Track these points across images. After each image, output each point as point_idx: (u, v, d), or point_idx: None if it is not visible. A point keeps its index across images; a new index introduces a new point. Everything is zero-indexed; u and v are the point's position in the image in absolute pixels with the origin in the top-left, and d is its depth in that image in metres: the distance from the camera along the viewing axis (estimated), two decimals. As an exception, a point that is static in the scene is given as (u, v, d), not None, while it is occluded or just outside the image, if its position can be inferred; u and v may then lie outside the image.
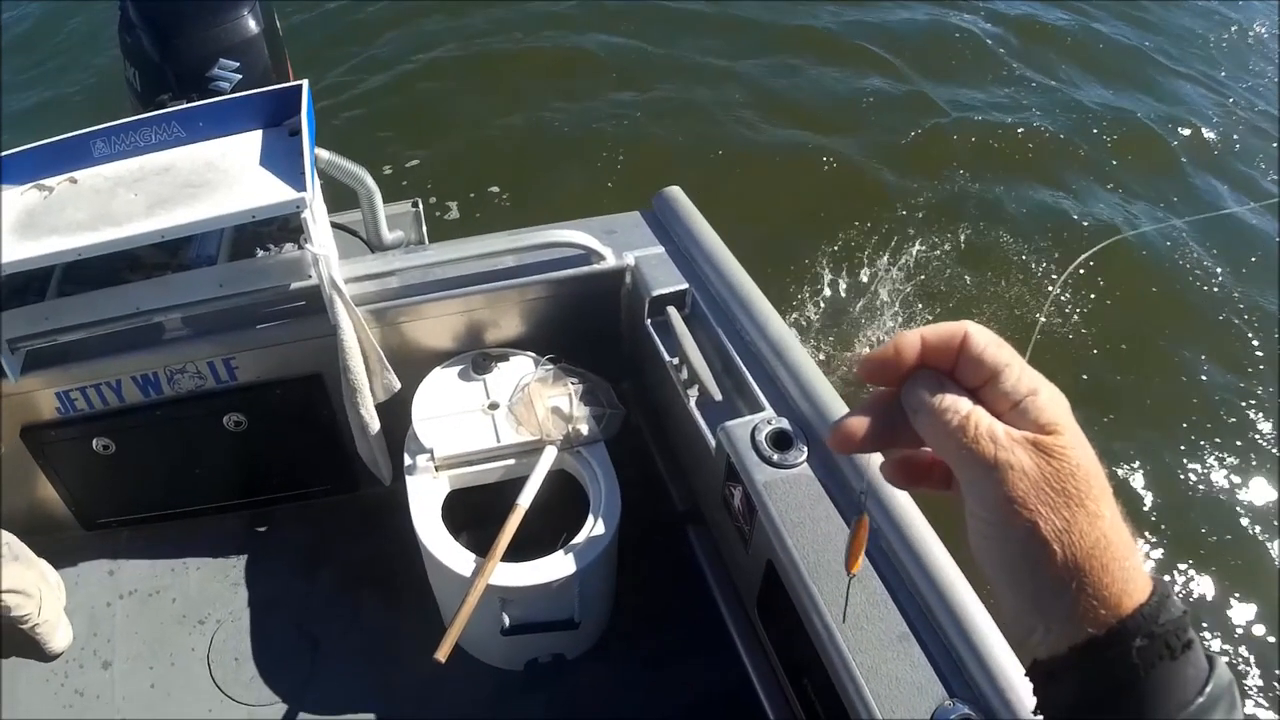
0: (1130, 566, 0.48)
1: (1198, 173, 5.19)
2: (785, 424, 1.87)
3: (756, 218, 4.61)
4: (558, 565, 1.99)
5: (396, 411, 2.25)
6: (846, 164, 5.00)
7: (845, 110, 5.41)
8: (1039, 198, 4.94)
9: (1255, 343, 4.21)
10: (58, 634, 2.30)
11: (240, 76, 2.25)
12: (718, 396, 2.01)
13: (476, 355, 2.31)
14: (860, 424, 0.54)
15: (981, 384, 0.51)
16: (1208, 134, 5.46)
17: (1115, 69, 5.95)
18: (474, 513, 2.19)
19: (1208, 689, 0.47)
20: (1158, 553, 3.42)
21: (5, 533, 2.16)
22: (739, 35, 5.92)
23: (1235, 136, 5.48)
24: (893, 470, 0.58)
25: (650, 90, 5.51)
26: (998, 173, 5.06)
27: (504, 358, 2.32)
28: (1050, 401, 0.49)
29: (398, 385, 2.20)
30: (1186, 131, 5.45)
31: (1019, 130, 5.32)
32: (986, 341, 0.51)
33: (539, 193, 4.81)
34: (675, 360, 2.11)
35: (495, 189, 4.84)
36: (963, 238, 4.59)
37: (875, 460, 0.63)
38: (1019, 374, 0.50)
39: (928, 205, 4.75)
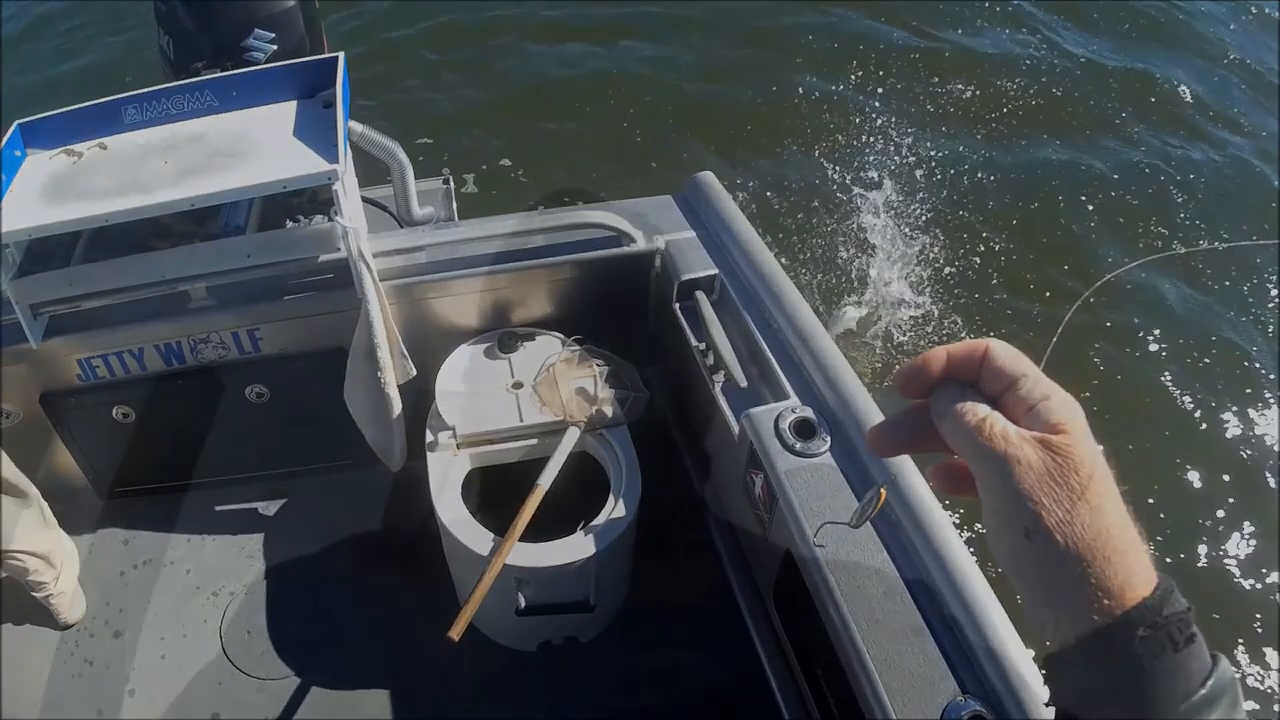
0: (1134, 560, 0.51)
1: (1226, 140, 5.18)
2: (809, 413, 1.87)
3: (776, 194, 4.61)
4: (576, 547, 1.98)
5: (417, 390, 2.24)
6: (872, 129, 5.01)
7: (871, 74, 5.42)
8: (1072, 168, 4.94)
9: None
10: (72, 606, 2.30)
11: (275, 47, 2.24)
12: (743, 383, 2.00)
13: (502, 334, 2.30)
14: (893, 428, 0.62)
15: (1001, 392, 0.56)
16: (1235, 114, 5.44)
17: (1152, 41, 5.93)
18: (493, 492, 2.18)
19: (1210, 682, 0.49)
20: (1163, 543, 3.42)
21: (40, 497, 2.16)
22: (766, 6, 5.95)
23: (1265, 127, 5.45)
24: (937, 477, 0.64)
25: (669, 59, 5.51)
26: (1028, 145, 5.07)
27: (529, 337, 2.31)
28: (1060, 405, 0.54)
29: (413, 372, 2.18)
30: (1215, 110, 5.42)
31: (1051, 101, 5.33)
32: (1006, 355, 0.56)
33: (559, 164, 4.82)
34: (702, 345, 2.10)
35: (507, 162, 4.83)
36: (994, 218, 4.61)
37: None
38: (1034, 382, 0.55)
39: (950, 177, 4.76)
